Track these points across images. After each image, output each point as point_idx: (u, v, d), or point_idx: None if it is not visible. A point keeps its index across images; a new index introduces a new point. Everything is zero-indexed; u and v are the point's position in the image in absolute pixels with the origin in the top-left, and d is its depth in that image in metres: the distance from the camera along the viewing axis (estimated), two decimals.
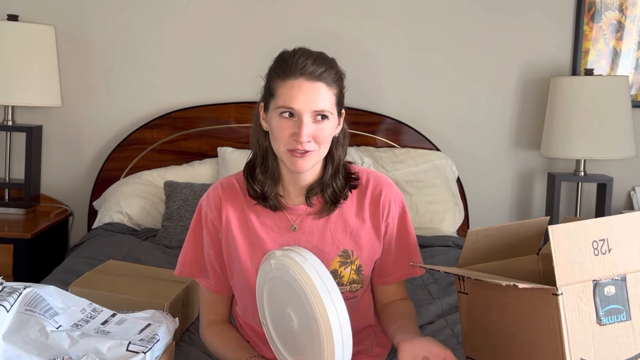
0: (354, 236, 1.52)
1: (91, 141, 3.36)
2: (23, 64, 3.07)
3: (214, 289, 1.58)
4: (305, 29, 3.28)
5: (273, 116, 1.45)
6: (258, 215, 1.52)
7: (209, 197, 1.55)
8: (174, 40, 3.34)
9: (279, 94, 1.43)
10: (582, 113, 3.09)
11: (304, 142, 1.41)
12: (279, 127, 1.43)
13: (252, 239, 1.51)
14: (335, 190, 1.51)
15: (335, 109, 1.46)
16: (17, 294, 1.35)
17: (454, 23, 3.36)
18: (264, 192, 1.50)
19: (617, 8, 3.34)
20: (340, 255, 1.51)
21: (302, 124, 1.40)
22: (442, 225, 3.04)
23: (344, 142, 1.55)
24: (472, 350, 1.44)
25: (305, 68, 1.41)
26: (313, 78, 1.41)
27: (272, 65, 1.49)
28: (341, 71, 1.49)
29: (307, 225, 1.52)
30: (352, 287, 1.51)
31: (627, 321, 1.22)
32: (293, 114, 1.42)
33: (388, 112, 3.34)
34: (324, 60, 1.45)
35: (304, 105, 1.41)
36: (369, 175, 1.57)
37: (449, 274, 1.44)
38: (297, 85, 1.41)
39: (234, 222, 1.52)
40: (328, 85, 1.43)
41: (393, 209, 1.55)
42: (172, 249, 2.77)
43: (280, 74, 1.44)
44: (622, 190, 3.41)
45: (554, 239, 1.17)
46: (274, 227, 1.52)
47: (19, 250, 2.88)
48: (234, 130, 3.30)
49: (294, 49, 1.48)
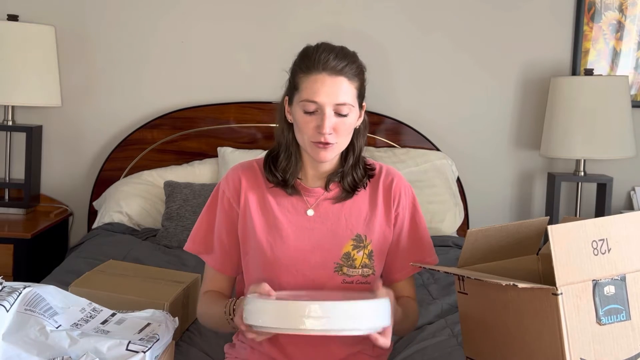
0: (367, 222, 1.57)
1: (91, 141, 3.36)
2: (23, 64, 3.07)
3: (219, 267, 1.61)
4: (305, 28, 3.28)
5: (297, 109, 1.51)
6: (275, 197, 1.57)
7: (228, 177, 1.61)
8: (174, 40, 3.34)
9: (303, 87, 1.49)
10: (582, 113, 3.09)
11: (326, 134, 1.47)
12: (302, 120, 1.49)
13: (269, 218, 1.56)
14: (355, 179, 1.57)
15: (356, 102, 1.52)
16: (17, 293, 1.35)
17: (454, 23, 3.36)
18: (285, 178, 1.56)
19: (617, 8, 3.34)
20: (354, 239, 1.55)
21: (324, 117, 1.47)
22: (442, 225, 3.04)
23: (365, 133, 1.61)
24: (472, 350, 1.44)
25: (327, 63, 1.47)
26: (335, 72, 1.47)
27: (296, 59, 1.55)
28: (362, 65, 1.55)
29: (323, 209, 1.57)
30: (364, 271, 1.54)
31: (627, 321, 1.22)
32: (316, 108, 1.47)
33: (388, 112, 3.34)
34: (345, 54, 1.51)
35: (326, 99, 1.47)
36: (381, 166, 1.64)
37: (449, 274, 1.44)
38: (320, 79, 1.47)
39: (253, 201, 1.57)
40: (349, 79, 1.49)
41: (403, 199, 1.60)
42: (172, 249, 2.77)
43: (303, 69, 1.50)
44: (622, 190, 3.40)
45: (553, 239, 1.17)
46: (291, 209, 1.56)
47: (19, 250, 2.88)
48: (234, 130, 3.30)
49: (317, 44, 1.53)
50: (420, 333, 2.05)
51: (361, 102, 1.55)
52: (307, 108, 1.48)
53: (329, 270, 1.52)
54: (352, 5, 3.33)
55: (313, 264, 1.52)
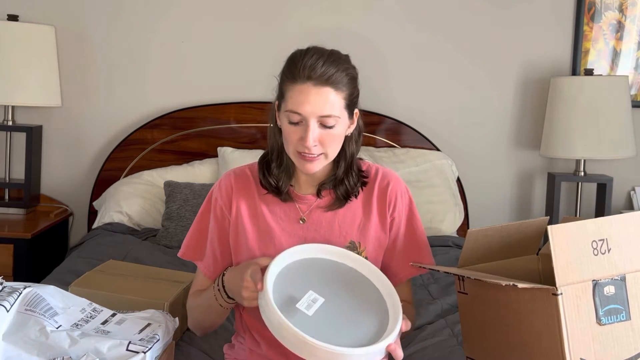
0: (361, 228, 1.55)
1: (91, 141, 3.36)
2: (23, 64, 3.07)
3: (210, 274, 1.60)
4: (305, 28, 3.28)
5: (283, 118, 1.47)
6: (268, 205, 1.55)
7: (220, 184, 1.58)
8: (174, 40, 3.34)
9: (288, 97, 1.44)
10: (582, 113, 3.09)
11: (310, 146, 1.43)
12: (287, 130, 1.46)
13: (261, 227, 1.54)
14: (348, 187, 1.54)
15: (344, 112, 1.46)
16: (17, 293, 1.35)
17: (454, 23, 3.36)
18: (278, 186, 1.53)
19: (617, 8, 3.34)
20: (347, 246, 1.53)
21: (307, 129, 1.42)
22: (442, 225, 3.04)
23: (358, 139, 1.57)
24: (472, 350, 1.44)
25: (314, 71, 1.41)
26: (321, 83, 1.41)
27: (284, 65, 1.49)
28: (354, 72, 1.49)
29: (316, 217, 1.54)
30: None
31: (627, 321, 1.22)
32: (300, 119, 1.43)
33: (388, 112, 3.34)
34: (334, 61, 1.44)
35: (310, 111, 1.42)
36: (377, 169, 1.60)
37: (449, 274, 1.44)
38: (304, 90, 1.42)
39: (244, 210, 1.55)
40: (336, 89, 1.43)
41: (399, 203, 1.57)
42: (172, 249, 2.76)
43: (289, 77, 1.44)
44: (622, 190, 3.40)
45: (553, 239, 1.17)
46: (283, 217, 1.54)
47: (19, 250, 2.88)
48: (234, 130, 3.30)
49: (307, 48, 1.47)
50: (420, 333, 2.05)
51: (352, 110, 1.50)
52: (291, 118, 1.44)
53: None
54: (352, 5, 3.33)
55: None
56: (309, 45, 1.48)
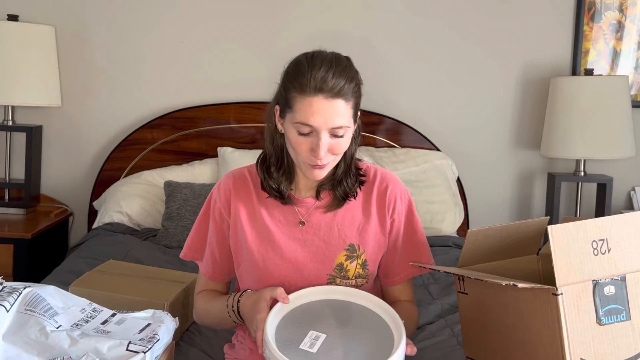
0: (360, 231, 1.54)
1: (91, 141, 3.36)
2: (23, 64, 3.07)
3: (210, 275, 1.61)
4: (305, 28, 3.28)
5: (290, 128, 1.43)
6: (267, 207, 1.54)
7: (220, 186, 1.58)
8: (173, 40, 3.34)
9: (297, 109, 1.40)
10: (582, 113, 3.09)
11: (323, 157, 1.42)
12: (296, 141, 1.43)
13: (261, 230, 1.53)
14: (346, 188, 1.53)
15: (352, 120, 1.45)
16: (17, 293, 1.35)
17: (454, 23, 3.36)
18: (280, 190, 1.52)
19: (617, 8, 3.34)
20: (347, 249, 1.52)
21: (319, 142, 1.40)
22: (442, 225, 3.04)
23: (358, 138, 1.56)
24: (472, 350, 1.44)
25: (325, 84, 1.38)
26: (332, 95, 1.39)
27: (288, 70, 1.45)
28: (358, 78, 1.47)
29: (315, 219, 1.54)
30: (357, 281, 1.52)
31: (627, 321, 1.22)
32: (311, 130, 1.41)
33: (388, 112, 3.34)
34: (342, 71, 1.41)
35: (322, 123, 1.39)
36: (376, 171, 1.59)
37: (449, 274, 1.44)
38: (315, 102, 1.39)
39: (243, 212, 1.55)
40: (347, 100, 1.41)
41: (399, 205, 1.57)
42: (172, 249, 2.77)
43: (297, 88, 1.40)
44: (622, 190, 3.41)
45: (553, 239, 1.17)
46: (282, 220, 1.54)
47: (19, 250, 2.88)
48: (234, 130, 3.30)
49: (312, 55, 1.44)
50: (420, 333, 2.06)
51: (356, 114, 1.49)
52: (301, 130, 1.41)
53: (322, 281, 1.50)
54: (352, 4, 3.33)
55: (306, 276, 1.50)
56: (313, 51, 1.46)
